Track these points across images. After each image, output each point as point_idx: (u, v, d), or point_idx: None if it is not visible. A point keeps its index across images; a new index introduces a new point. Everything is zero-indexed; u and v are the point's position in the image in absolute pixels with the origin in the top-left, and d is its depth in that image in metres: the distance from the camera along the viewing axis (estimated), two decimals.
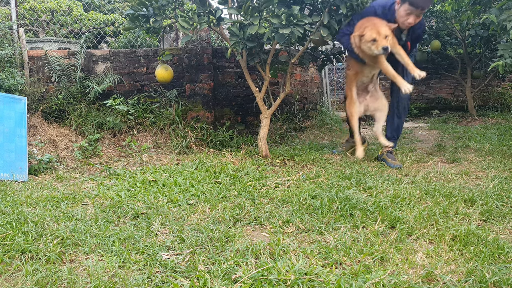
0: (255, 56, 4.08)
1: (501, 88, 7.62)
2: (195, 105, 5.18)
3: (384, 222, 2.23)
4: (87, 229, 2.20)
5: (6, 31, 5.23)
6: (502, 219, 2.30)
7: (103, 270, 1.76)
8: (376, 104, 3.95)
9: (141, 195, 2.86)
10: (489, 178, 3.16)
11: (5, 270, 1.78)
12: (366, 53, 3.56)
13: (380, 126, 3.96)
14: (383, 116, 3.95)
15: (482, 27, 6.17)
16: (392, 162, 3.78)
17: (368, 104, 3.96)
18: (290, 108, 5.73)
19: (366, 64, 3.75)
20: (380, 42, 3.37)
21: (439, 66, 7.56)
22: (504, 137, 4.86)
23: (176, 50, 5.38)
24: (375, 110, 3.97)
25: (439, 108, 7.67)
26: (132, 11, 3.95)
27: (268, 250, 1.92)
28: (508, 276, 1.61)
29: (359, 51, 3.62)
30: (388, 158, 3.84)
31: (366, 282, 1.60)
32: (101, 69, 5.34)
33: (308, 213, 2.41)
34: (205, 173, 3.43)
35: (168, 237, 2.12)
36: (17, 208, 2.58)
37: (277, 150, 4.36)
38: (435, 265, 1.76)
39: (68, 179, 3.54)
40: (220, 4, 4.02)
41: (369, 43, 3.43)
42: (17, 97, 3.82)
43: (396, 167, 3.68)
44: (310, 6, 3.96)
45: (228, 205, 2.60)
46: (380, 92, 4.04)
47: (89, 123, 4.87)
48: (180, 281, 1.67)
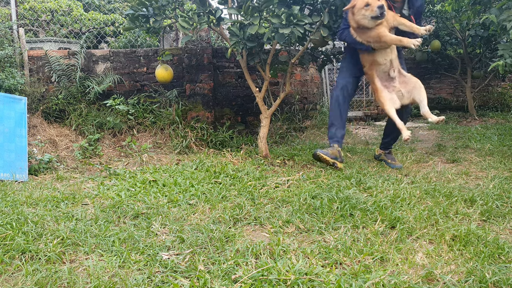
0: (255, 56, 4.08)
1: (501, 88, 7.62)
2: (195, 105, 5.18)
3: (384, 222, 2.23)
4: (87, 229, 2.20)
5: (6, 31, 5.23)
6: (502, 219, 2.30)
7: (103, 270, 1.76)
8: (408, 86, 3.61)
9: (141, 195, 2.85)
10: (489, 178, 3.16)
11: (5, 270, 1.78)
12: (364, 26, 3.34)
13: (424, 105, 3.51)
14: (422, 94, 3.56)
15: (482, 27, 6.17)
16: (392, 163, 3.77)
17: (400, 91, 3.61)
18: (290, 108, 5.73)
19: (376, 51, 3.51)
20: (374, 3, 3.20)
21: (439, 66, 7.56)
22: (504, 137, 4.86)
23: (176, 50, 5.38)
24: (411, 93, 3.60)
25: (439, 108, 7.67)
26: (132, 11, 3.95)
27: (268, 250, 1.92)
28: (508, 276, 1.61)
29: (359, 33, 3.41)
30: (388, 158, 3.82)
31: (366, 282, 1.60)
32: (101, 69, 5.34)
33: (308, 213, 2.41)
34: (205, 173, 3.43)
35: (168, 237, 2.11)
36: (17, 208, 2.58)
37: (277, 150, 4.36)
38: (435, 265, 1.76)
39: (68, 179, 3.54)
40: (220, 4, 4.02)
41: (363, 10, 3.25)
42: (17, 97, 3.82)
43: (396, 167, 3.67)
44: (310, 6, 3.96)
45: (228, 205, 2.60)
46: (407, 74, 3.69)
47: (89, 123, 4.87)
48: (180, 281, 1.67)
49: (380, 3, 3.23)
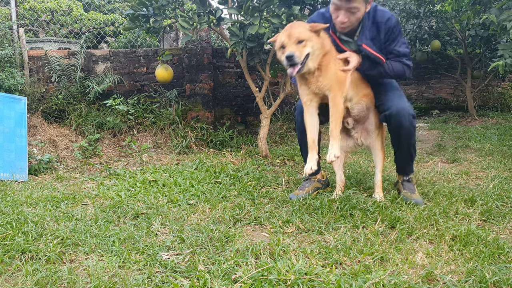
0: (255, 56, 4.08)
1: (501, 88, 7.61)
2: (195, 105, 5.17)
3: (384, 222, 2.22)
4: (87, 229, 2.20)
5: (6, 31, 5.23)
6: (502, 219, 2.30)
7: (103, 270, 1.76)
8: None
9: (141, 195, 2.85)
10: (489, 178, 3.16)
11: (5, 270, 1.78)
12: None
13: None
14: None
15: (482, 27, 6.16)
16: (407, 195, 2.67)
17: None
18: (290, 108, 5.72)
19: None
20: (288, 48, 2.32)
21: (439, 66, 7.56)
22: (504, 137, 4.86)
23: (176, 50, 5.38)
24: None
25: (439, 108, 7.67)
26: (132, 11, 3.96)
27: (268, 250, 1.92)
28: (508, 276, 1.61)
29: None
30: (403, 188, 2.76)
31: (366, 282, 1.60)
32: (101, 69, 5.34)
33: (308, 213, 2.41)
34: (205, 173, 3.43)
35: (168, 237, 2.11)
36: (17, 208, 2.58)
37: (277, 150, 4.36)
38: (435, 265, 1.76)
39: (68, 179, 3.54)
40: (220, 4, 4.02)
41: (279, 52, 2.42)
42: (17, 97, 3.82)
43: (413, 202, 2.56)
44: (310, 6, 3.96)
45: (228, 205, 2.60)
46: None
47: (89, 123, 4.87)
48: (180, 281, 1.67)
49: (290, 52, 2.28)
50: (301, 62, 2.32)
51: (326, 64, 2.43)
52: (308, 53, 2.33)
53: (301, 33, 2.32)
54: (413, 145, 2.68)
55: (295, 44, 2.30)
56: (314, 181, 2.90)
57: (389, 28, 2.52)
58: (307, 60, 2.35)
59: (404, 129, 2.56)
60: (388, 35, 2.54)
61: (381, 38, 2.54)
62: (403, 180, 2.78)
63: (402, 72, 2.62)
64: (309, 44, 2.32)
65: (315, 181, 2.91)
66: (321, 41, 2.38)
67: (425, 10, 6.47)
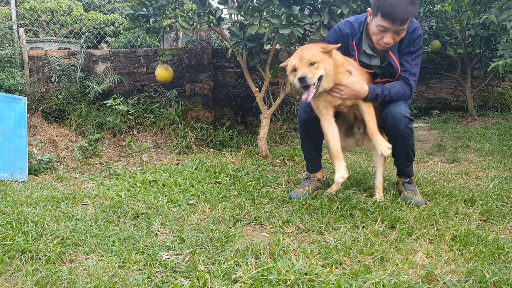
0: (255, 56, 4.08)
1: (501, 88, 7.62)
2: (195, 105, 5.18)
3: (384, 222, 2.22)
4: (87, 229, 2.20)
5: (6, 31, 5.23)
6: (502, 219, 2.30)
7: (103, 270, 1.76)
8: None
9: (141, 195, 2.86)
10: (489, 178, 3.16)
11: (5, 270, 1.78)
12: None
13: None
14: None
15: (482, 27, 6.17)
16: (409, 196, 2.63)
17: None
18: (290, 108, 5.73)
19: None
20: (300, 70, 2.28)
21: (439, 66, 7.56)
22: (504, 137, 4.86)
23: (176, 50, 5.38)
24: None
25: (439, 108, 7.67)
26: (132, 11, 3.96)
27: (268, 250, 1.92)
28: (508, 276, 1.61)
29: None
30: (405, 189, 2.74)
31: (366, 282, 1.60)
32: (101, 69, 5.34)
33: (308, 213, 2.41)
34: (205, 173, 3.43)
35: (168, 237, 2.11)
36: (17, 208, 2.58)
37: (277, 150, 4.36)
38: (435, 265, 1.76)
39: (68, 179, 3.54)
40: (220, 4, 4.02)
41: (292, 75, 2.37)
42: (17, 97, 3.82)
43: (414, 202, 2.56)
44: (310, 6, 3.96)
45: (228, 205, 2.60)
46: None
47: (89, 123, 4.87)
48: (180, 281, 1.67)
49: (303, 74, 2.25)
50: (314, 84, 2.29)
51: (343, 77, 2.43)
52: (321, 75, 2.31)
53: (313, 55, 2.30)
54: (411, 147, 2.66)
55: (307, 66, 2.28)
56: (314, 180, 2.91)
57: (413, 39, 2.51)
58: (321, 83, 2.33)
59: (400, 132, 2.54)
60: (409, 45, 2.52)
61: (403, 46, 2.52)
62: (404, 182, 2.79)
63: (403, 93, 2.56)
64: (321, 66, 2.31)
65: (315, 180, 2.91)
66: (333, 61, 2.37)
67: (425, 10, 6.48)
